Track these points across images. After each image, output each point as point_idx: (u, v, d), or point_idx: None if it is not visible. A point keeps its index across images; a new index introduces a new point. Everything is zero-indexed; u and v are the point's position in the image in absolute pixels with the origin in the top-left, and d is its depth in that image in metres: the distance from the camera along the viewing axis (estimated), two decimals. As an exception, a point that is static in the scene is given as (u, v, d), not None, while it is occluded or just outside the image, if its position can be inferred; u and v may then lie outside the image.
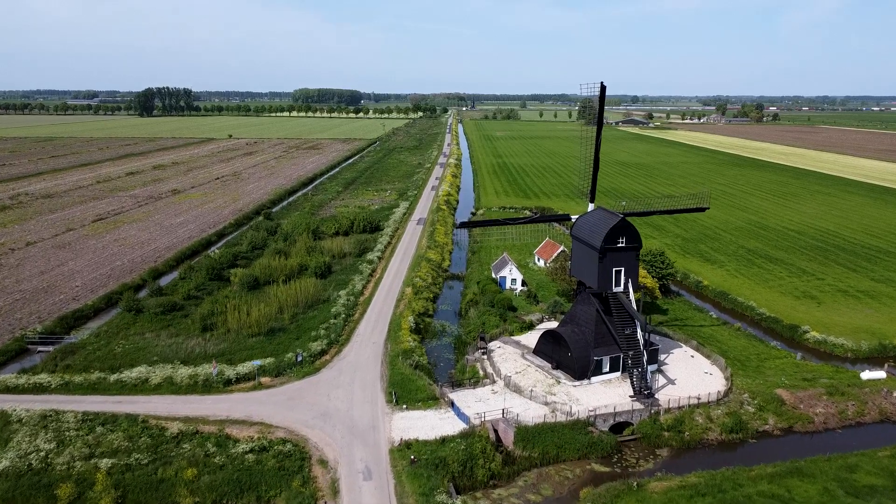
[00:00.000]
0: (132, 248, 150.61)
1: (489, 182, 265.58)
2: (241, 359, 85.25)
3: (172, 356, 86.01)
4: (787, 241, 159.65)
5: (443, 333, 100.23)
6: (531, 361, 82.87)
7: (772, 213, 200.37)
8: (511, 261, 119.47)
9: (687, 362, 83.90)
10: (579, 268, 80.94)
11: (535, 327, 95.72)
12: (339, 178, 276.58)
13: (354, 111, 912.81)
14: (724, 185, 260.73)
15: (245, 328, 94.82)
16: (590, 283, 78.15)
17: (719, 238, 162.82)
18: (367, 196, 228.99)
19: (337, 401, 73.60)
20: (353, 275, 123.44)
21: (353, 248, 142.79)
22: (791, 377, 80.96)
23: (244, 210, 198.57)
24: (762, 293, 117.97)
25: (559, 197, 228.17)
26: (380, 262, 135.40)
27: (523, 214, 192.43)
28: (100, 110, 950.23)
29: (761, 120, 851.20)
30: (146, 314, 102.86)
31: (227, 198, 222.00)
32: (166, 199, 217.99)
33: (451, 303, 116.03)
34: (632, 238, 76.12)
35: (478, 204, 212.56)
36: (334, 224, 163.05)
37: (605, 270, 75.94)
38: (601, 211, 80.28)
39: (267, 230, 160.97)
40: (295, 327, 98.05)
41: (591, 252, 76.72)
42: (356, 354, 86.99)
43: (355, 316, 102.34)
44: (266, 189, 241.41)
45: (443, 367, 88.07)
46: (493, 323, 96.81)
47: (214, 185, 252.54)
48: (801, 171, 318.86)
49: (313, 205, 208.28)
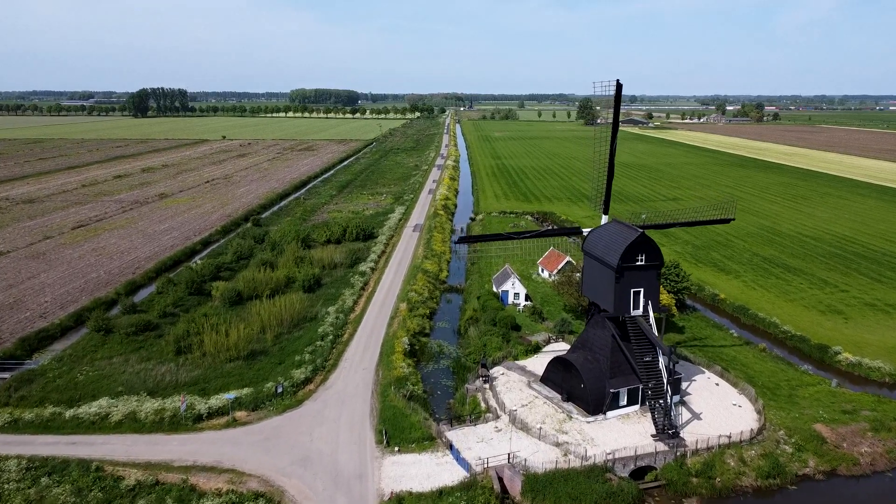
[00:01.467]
0: (111, 258, 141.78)
1: (488, 185, 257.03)
2: (216, 388, 76.67)
3: (139, 386, 77.33)
4: (804, 249, 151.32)
5: (440, 355, 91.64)
6: (538, 391, 74.34)
7: (784, 217, 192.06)
8: (514, 273, 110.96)
9: (712, 391, 75.41)
10: (592, 288, 72.42)
11: (541, 350, 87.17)
12: (333, 181, 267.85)
13: (351, 111, 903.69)
14: (730, 188, 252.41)
15: (223, 351, 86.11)
16: (604, 306, 69.63)
17: (732, 245, 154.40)
18: (362, 200, 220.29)
19: (320, 441, 64.95)
20: (343, 288, 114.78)
21: (345, 258, 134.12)
22: (829, 409, 72.51)
23: (233, 216, 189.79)
24: (784, 307, 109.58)
25: (561, 201, 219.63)
26: (373, 273, 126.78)
27: (525, 220, 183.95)
28: (94, 111, 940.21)
29: (762, 120, 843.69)
30: (116, 335, 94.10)
31: (216, 202, 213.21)
32: (152, 204, 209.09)
33: (449, 319, 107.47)
34: (652, 255, 67.65)
35: (477, 208, 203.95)
36: (326, 232, 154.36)
37: (622, 292, 67.47)
38: (617, 224, 71.76)
39: (254, 238, 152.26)
40: (278, 350, 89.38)
41: (607, 271, 68.23)
42: (344, 383, 78.36)
43: (344, 336, 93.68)
44: (257, 193, 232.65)
45: (440, 396, 79.52)
46: (495, 345, 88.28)
47: (204, 188, 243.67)
48: (807, 172, 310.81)
49: (305, 210, 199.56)
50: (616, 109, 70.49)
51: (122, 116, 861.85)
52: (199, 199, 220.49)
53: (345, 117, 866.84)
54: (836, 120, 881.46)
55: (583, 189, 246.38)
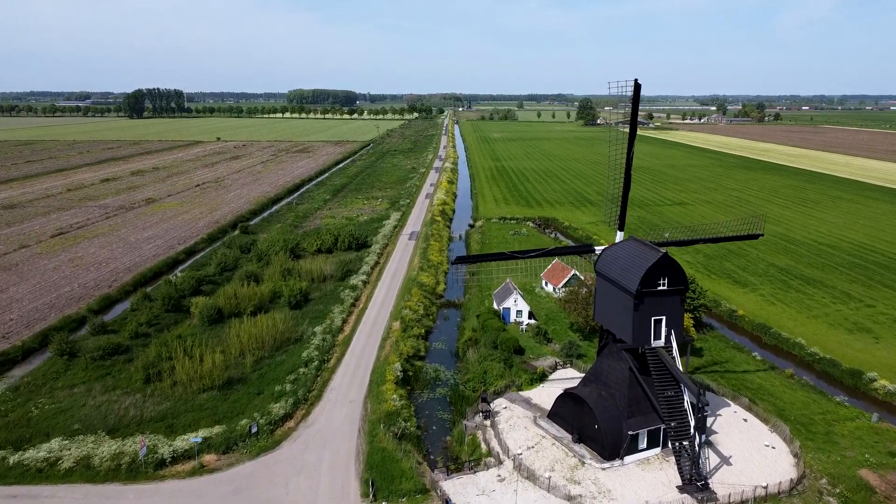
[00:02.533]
0: (87, 269, 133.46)
1: (488, 188, 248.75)
2: (185, 425, 68.46)
3: (99, 422, 69.05)
4: (821, 258, 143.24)
5: (436, 382, 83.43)
6: (546, 430, 66.14)
7: (796, 222, 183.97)
8: (516, 288, 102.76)
9: (740, 429, 67.24)
10: (606, 314, 64.23)
11: (548, 378, 78.94)
12: (327, 185, 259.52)
13: (349, 112, 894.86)
14: (737, 191, 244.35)
15: (196, 380, 77.79)
16: (621, 335, 61.46)
17: (745, 254, 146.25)
18: (357, 205, 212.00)
19: (297, 494, 56.68)
20: (332, 305, 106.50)
21: (336, 269, 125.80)
22: (873, 450, 64.38)
23: (221, 222, 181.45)
24: (807, 325, 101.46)
25: (564, 205, 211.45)
26: (365, 287, 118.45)
27: (526, 227, 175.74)
28: (89, 112, 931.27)
29: (763, 120, 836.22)
30: (81, 359, 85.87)
31: (205, 207, 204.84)
32: (138, 210, 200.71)
33: (446, 338, 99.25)
34: (676, 278, 59.51)
35: (476, 214, 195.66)
36: (316, 240, 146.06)
37: (641, 320, 59.32)
38: (635, 242, 63.59)
39: (241, 247, 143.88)
40: (258, 377, 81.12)
41: (624, 296, 60.08)
42: (327, 419, 70.08)
43: (331, 362, 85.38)
44: (248, 197, 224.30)
45: (436, 432, 71.28)
46: (497, 371, 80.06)
47: (193, 193, 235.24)
48: (814, 174, 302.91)
49: (297, 216, 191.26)
50: (634, 112, 62.43)
51: (118, 117, 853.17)
52: (187, 203, 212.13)
53: (342, 118, 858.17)
54: (837, 120, 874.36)
55: (585, 193, 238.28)
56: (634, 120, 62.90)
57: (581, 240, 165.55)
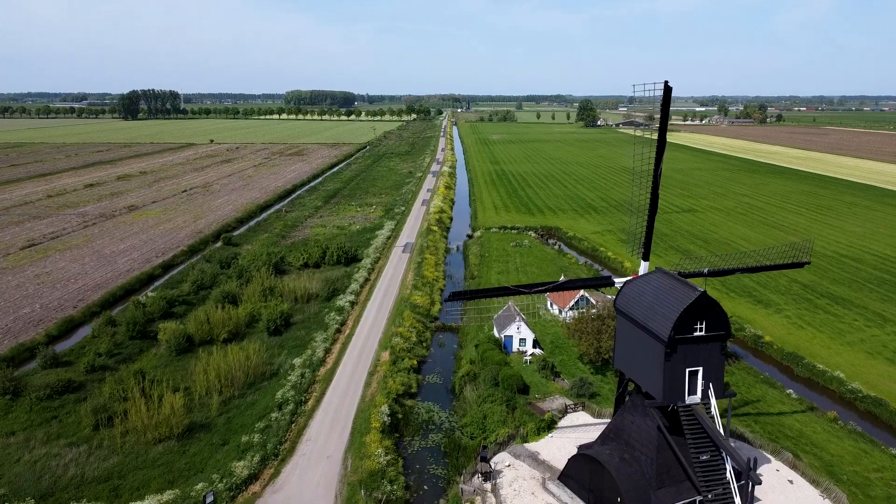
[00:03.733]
0: (53, 286, 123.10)
1: (487, 194, 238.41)
2: (133, 487, 58.31)
3: (30, 485, 58.77)
4: (846, 273, 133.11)
5: (429, 426, 73.13)
6: (558, 497, 55.90)
7: (813, 232, 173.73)
8: (519, 313, 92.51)
9: (786, 494, 57.00)
10: (630, 362, 53.97)
11: (557, 426, 68.64)
12: (320, 190, 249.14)
13: (346, 113, 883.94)
14: (747, 197, 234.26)
15: (151, 428, 67.45)
16: (648, 389, 51.25)
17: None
18: (350, 212, 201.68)
19: (255, 589, 46.41)
20: (316, 331, 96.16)
21: (323, 287, 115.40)
22: (947, 522, 54.18)
23: (204, 232, 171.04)
24: (842, 354, 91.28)
25: (566, 212, 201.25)
26: (353, 309, 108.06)
27: (528, 237, 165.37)
28: (83, 113, 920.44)
29: (765, 121, 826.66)
30: (26, 399, 75.54)
31: (189, 216, 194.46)
32: (118, 218, 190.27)
33: (441, 369, 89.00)
34: (716, 322, 49.27)
35: (475, 222, 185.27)
36: (303, 254, 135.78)
37: (674, 372, 49.06)
38: (663, 276, 53.29)
39: (221, 262, 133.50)
40: (224, 423, 70.82)
41: (651, 343, 49.84)
42: (299, 481, 59.70)
43: (308, 403, 75.02)
44: (236, 204, 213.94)
45: (428, 494, 60.90)
46: (498, 415, 69.82)
47: (179, 199, 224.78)
48: (824, 178, 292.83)
49: (286, 225, 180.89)
50: (664, 119, 52.29)
51: (112, 119, 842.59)
52: (171, 211, 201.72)
53: (339, 119, 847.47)
54: (840, 121, 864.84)
55: (588, 198, 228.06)
56: (664, 128, 52.80)
57: (586, 251, 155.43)
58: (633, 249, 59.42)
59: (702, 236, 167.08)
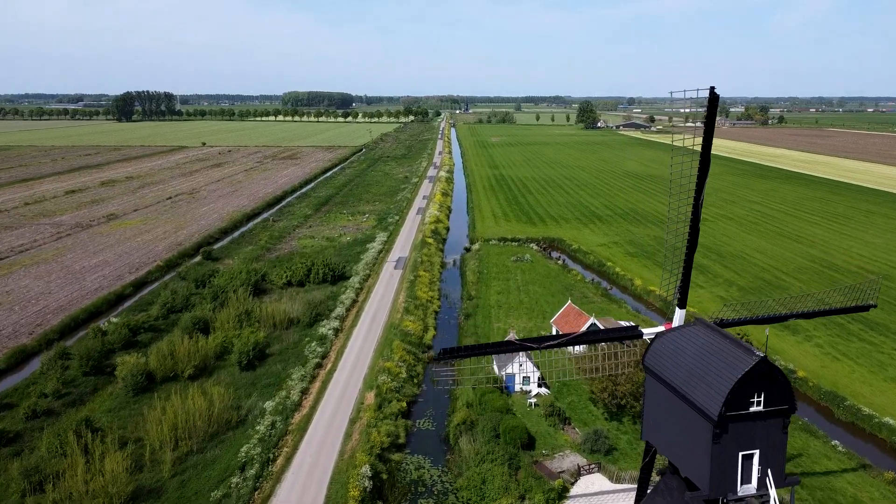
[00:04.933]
0: (11, 308, 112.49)
1: (486, 201, 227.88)
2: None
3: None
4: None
5: (418, 489, 62.60)
6: None
7: (832, 244, 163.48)
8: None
9: None
10: (664, 436, 43.41)
11: (569, 494, 58.08)
12: (312, 197, 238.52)
13: (343, 115, 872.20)
14: (758, 204, 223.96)
15: (87, 498, 56.84)
16: (690, 475, 40.70)
17: (785, 286, 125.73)
18: (341, 222, 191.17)
19: None
20: (293, 365, 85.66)
21: (305, 311, 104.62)
22: None
23: (184, 244, 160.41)
24: (888, 392, 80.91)
25: (570, 222, 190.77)
26: (337, 337, 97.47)
27: (529, 250, 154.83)
28: (77, 115, 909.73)
29: (766, 123, 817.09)
30: (-50, 455, 64.89)
31: (171, 225, 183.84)
32: (95, 228, 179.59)
33: (434, 411, 78.49)
34: (778, 394, 38.71)
35: (473, 233, 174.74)
36: (286, 271, 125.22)
37: (724, 457, 38.52)
38: (706, 331, 42.69)
39: (197, 280, 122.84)
40: (176, 487, 60.21)
41: (695, 418, 39.30)
42: (258, 575, 49.13)
43: (277, 462, 64.28)
44: (222, 213, 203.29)
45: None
46: (500, 480, 59.30)
47: (162, 207, 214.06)
48: (835, 183, 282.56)
49: (272, 236, 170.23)
50: (708, 132, 41.87)
51: (106, 120, 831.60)
52: (152, 220, 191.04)
53: (336, 121, 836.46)
54: (843, 122, 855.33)
55: (592, 206, 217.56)
56: (708, 145, 42.34)
57: (593, 266, 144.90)
58: (667, 290, 48.95)
59: (715, 249, 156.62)
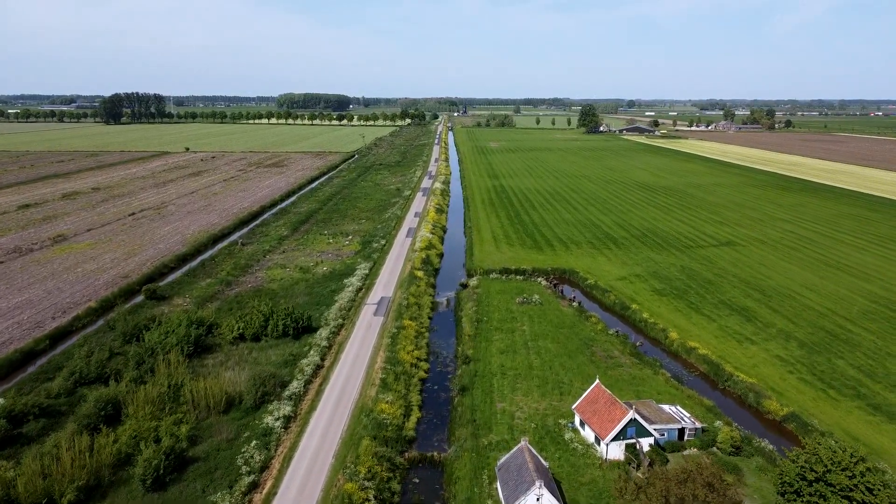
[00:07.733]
0: None
1: (485, 220, 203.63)
2: None
3: None
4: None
5: None
6: None
7: (891, 277, 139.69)
8: (536, 457, 57.80)
9: None
10: None
11: None
12: (291, 213, 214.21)
13: (338, 118, 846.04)
14: (789, 223, 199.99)
15: None
16: None
17: (856, 341, 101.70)
18: (319, 245, 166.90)
19: None
20: (219, 484, 61.41)
21: (250, 388, 79.94)
22: None
23: (131, 276, 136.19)
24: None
25: (581, 246, 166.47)
26: (287, 430, 73.07)
27: (537, 285, 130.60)
28: (65, 117, 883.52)
29: (773, 127, 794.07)
30: None
31: (123, 250, 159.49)
32: (34, 254, 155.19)
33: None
34: None
35: (470, 262, 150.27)
36: (239, 321, 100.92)
37: None
38: None
39: (126, 334, 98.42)
40: None
41: None
42: None
43: None
44: (185, 233, 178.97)
45: None
46: None
47: (120, 226, 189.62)
48: (868, 197, 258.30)
49: (236, 265, 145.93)
50: None
51: (94, 123, 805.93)
52: (103, 244, 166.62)
53: (330, 124, 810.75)
54: (851, 127, 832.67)
55: (605, 225, 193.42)
56: None
57: (614, 309, 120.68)
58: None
59: (755, 284, 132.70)
